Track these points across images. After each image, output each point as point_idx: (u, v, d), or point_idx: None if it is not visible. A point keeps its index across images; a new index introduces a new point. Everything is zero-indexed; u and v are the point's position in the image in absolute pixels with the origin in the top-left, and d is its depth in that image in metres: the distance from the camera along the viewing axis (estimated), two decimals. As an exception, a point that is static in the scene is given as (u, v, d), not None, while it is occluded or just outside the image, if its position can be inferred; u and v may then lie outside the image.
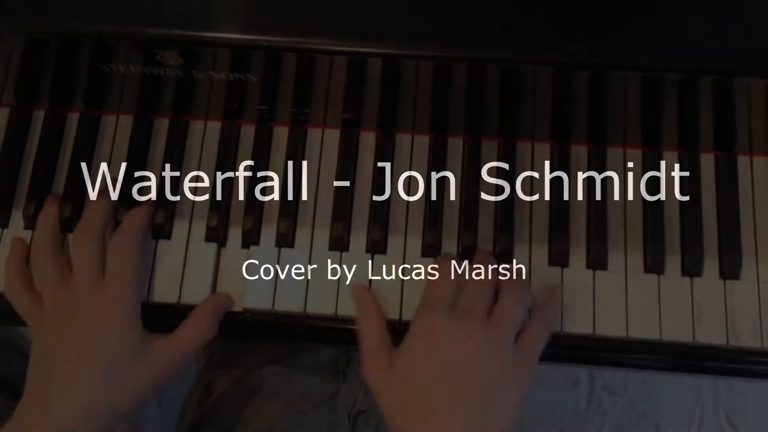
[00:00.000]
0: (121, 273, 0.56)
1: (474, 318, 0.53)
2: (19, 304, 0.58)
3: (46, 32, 0.48)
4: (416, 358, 0.52)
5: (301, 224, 0.62)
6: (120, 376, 0.55)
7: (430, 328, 0.53)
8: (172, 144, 0.64)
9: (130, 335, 0.55)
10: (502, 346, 0.53)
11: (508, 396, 0.52)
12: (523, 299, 0.55)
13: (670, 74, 0.51)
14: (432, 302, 0.55)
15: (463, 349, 0.52)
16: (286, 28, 0.47)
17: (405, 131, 0.64)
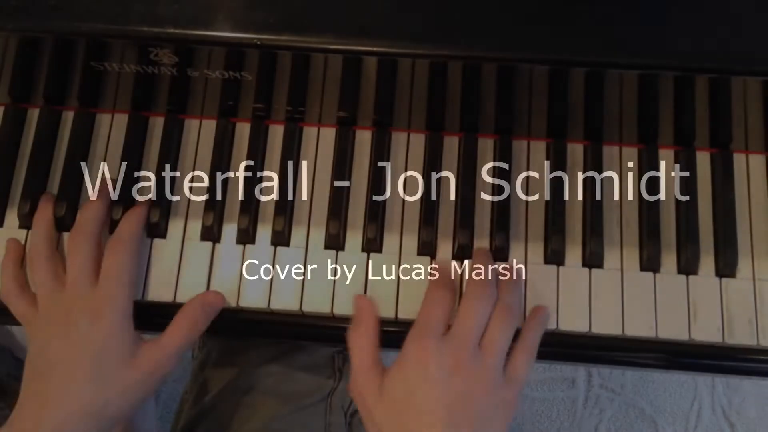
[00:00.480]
0: (115, 276, 0.56)
1: (466, 348, 0.53)
2: (15, 307, 0.58)
3: (40, 31, 0.48)
4: (407, 383, 0.53)
5: (297, 223, 0.62)
6: (112, 379, 0.55)
7: (423, 354, 0.53)
8: (167, 143, 0.63)
9: (122, 338, 0.55)
10: (491, 375, 0.54)
11: (495, 421, 0.53)
12: (511, 327, 0.56)
13: (666, 72, 0.51)
14: (425, 326, 0.55)
15: (454, 379, 0.52)
16: (281, 26, 0.47)
17: (401, 129, 0.64)
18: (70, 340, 0.54)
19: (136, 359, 0.56)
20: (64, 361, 0.54)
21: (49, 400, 0.53)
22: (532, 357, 0.57)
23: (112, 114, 0.64)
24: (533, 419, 1.33)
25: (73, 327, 0.55)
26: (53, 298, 0.57)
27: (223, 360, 0.76)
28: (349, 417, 0.76)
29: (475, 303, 0.55)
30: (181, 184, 0.63)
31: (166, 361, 0.57)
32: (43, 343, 0.55)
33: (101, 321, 0.55)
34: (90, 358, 0.54)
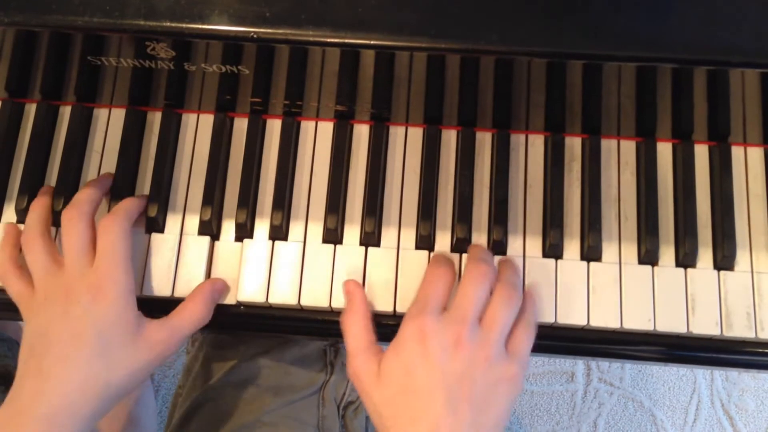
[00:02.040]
0: (111, 253, 0.56)
1: (465, 323, 0.53)
2: (12, 287, 0.58)
3: (36, 25, 0.47)
4: (407, 362, 0.52)
5: (295, 217, 0.62)
6: (115, 355, 0.54)
7: (421, 332, 0.52)
8: (164, 137, 0.63)
9: (125, 314, 0.55)
10: (493, 352, 0.53)
11: (498, 399, 0.53)
12: (514, 304, 0.55)
13: (664, 65, 0.51)
14: (424, 304, 0.54)
15: (455, 355, 0.52)
16: (278, 19, 0.47)
17: (399, 123, 0.63)
18: (70, 318, 0.54)
19: (142, 337, 0.55)
20: (66, 338, 0.53)
21: (51, 376, 0.53)
22: (533, 332, 0.56)
23: (110, 109, 0.64)
24: (532, 413, 1.33)
25: (74, 305, 0.54)
26: (50, 276, 0.56)
27: (215, 354, 0.76)
28: (342, 410, 0.76)
29: (474, 281, 0.55)
30: (178, 178, 0.63)
31: (173, 344, 0.56)
32: (41, 322, 0.55)
33: (103, 297, 0.54)
34: (94, 335, 0.53)
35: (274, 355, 0.74)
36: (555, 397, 1.34)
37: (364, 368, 0.54)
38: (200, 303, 0.58)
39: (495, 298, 0.55)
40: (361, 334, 0.55)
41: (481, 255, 0.57)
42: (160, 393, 1.33)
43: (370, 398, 0.54)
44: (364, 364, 0.54)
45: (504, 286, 0.55)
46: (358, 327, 0.56)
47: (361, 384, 0.54)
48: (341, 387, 0.76)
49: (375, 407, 0.53)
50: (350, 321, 0.56)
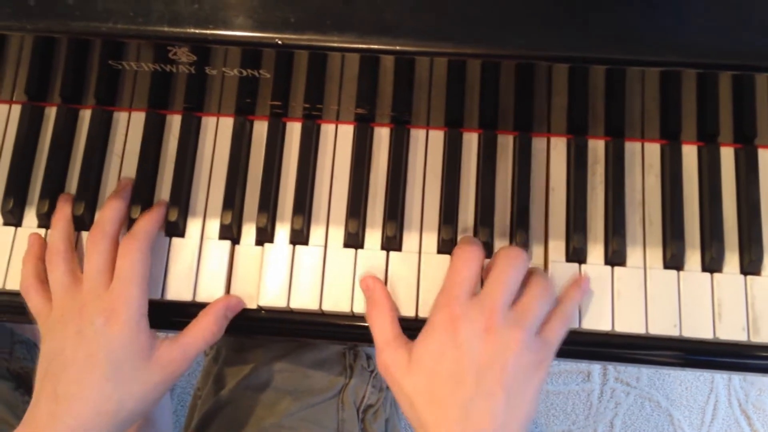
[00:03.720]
0: (129, 276, 0.56)
1: (496, 308, 0.52)
2: (32, 302, 0.58)
3: (58, 31, 0.47)
4: (438, 350, 0.52)
5: (316, 221, 0.61)
6: (128, 377, 0.55)
7: (451, 318, 0.52)
8: (184, 141, 0.63)
9: (137, 336, 0.55)
10: (525, 339, 0.52)
11: (528, 386, 0.52)
12: (550, 295, 0.55)
13: (689, 69, 0.50)
14: (452, 289, 0.53)
15: (486, 341, 0.51)
16: (302, 25, 0.46)
17: (419, 126, 0.63)
18: (84, 338, 0.54)
19: (154, 358, 0.56)
20: (79, 360, 0.54)
21: (66, 398, 0.53)
22: (567, 324, 0.56)
23: (129, 112, 0.64)
24: (548, 412, 1.33)
25: (87, 326, 0.55)
26: (68, 295, 0.57)
27: (234, 357, 0.76)
28: (362, 413, 0.76)
29: (506, 267, 0.54)
30: (198, 182, 0.63)
31: (185, 361, 0.57)
32: (57, 341, 0.55)
33: (116, 321, 0.55)
34: (105, 358, 0.54)
35: (292, 358, 0.74)
36: (571, 396, 1.34)
37: (393, 359, 0.54)
38: (212, 320, 0.58)
39: (533, 286, 0.54)
40: (386, 326, 0.55)
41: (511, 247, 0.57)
42: (175, 392, 1.33)
43: (401, 388, 0.53)
44: (392, 354, 0.54)
45: (539, 278, 0.55)
46: (383, 320, 0.56)
47: (391, 375, 0.54)
48: (361, 390, 0.76)
49: (406, 396, 0.53)
50: (375, 315, 0.56)
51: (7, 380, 0.74)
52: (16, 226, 0.62)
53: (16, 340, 0.78)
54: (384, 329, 0.55)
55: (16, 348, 0.78)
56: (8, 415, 0.72)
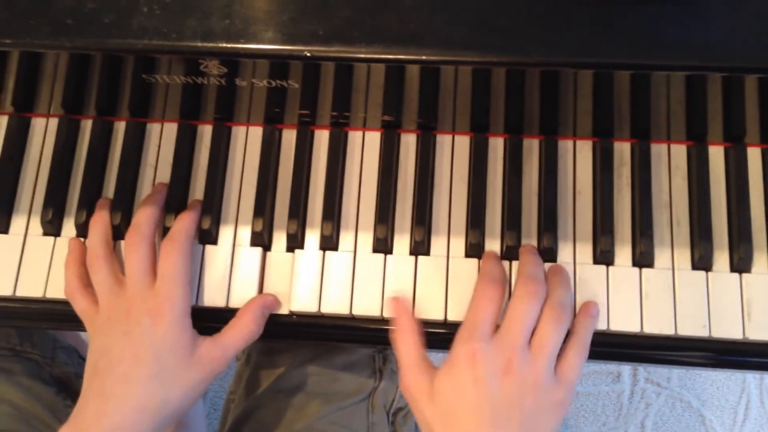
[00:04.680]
0: (172, 276, 0.58)
1: (515, 348, 0.54)
2: (78, 305, 0.60)
3: (95, 48, 0.49)
4: (458, 385, 0.53)
5: (345, 227, 0.62)
6: (171, 375, 0.56)
7: (472, 357, 0.53)
8: (215, 150, 0.64)
9: (181, 336, 0.57)
10: (543, 377, 0.54)
11: (546, 422, 0.54)
12: (563, 325, 0.56)
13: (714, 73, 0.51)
14: (474, 327, 0.55)
15: (504, 380, 0.53)
16: (330, 38, 0.47)
17: (446, 132, 0.64)
18: (132, 338, 0.56)
19: (196, 356, 0.57)
20: (127, 358, 0.56)
21: (113, 395, 0.55)
22: (585, 355, 0.57)
23: (162, 123, 0.66)
24: (578, 414, 1.33)
25: (134, 326, 0.56)
26: (113, 297, 0.58)
27: (265, 361, 0.77)
28: (391, 416, 0.77)
29: (524, 303, 0.55)
30: (230, 190, 0.64)
31: (225, 361, 0.58)
32: (105, 341, 0.57)
33: (162, 320, 0.56)
34: (152, 356, 0.56)
35: (322, 361, 0.75)
36: (601, 397, 1.33)
37: (416, 384, 0.55)
38: (250, 319, 0.59)
39: (544, 319, 0.55)
40: (411, 350, 0.57)
41: (531, 270, 0.57)
42: (208, 396, 1.35)
43: (421, 413, 0.55)
44: (415, 379, 0.55)
45: (553, 308, 0.56)
46: (408, 344, 0.57)
47: (413, 398, 0.56)
48: (390, 393, 0.77)
49: (426, 422, 0.55)
50: (400, 339, 0.58)
51: (49, 385, 0.77)
52: (55, 236, 0.64)
53: (58, 346, 0.80)
54: (408, 353, 0.57)
55: (58, 354, 0.80)
56: (51, 419, 0.74)
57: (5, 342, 0.76)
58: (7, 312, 0.63)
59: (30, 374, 0.76)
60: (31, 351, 0.78)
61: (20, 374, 0.75)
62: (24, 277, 0.62)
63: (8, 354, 0.76)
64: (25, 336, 0.78)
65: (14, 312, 0.63)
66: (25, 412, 0.73)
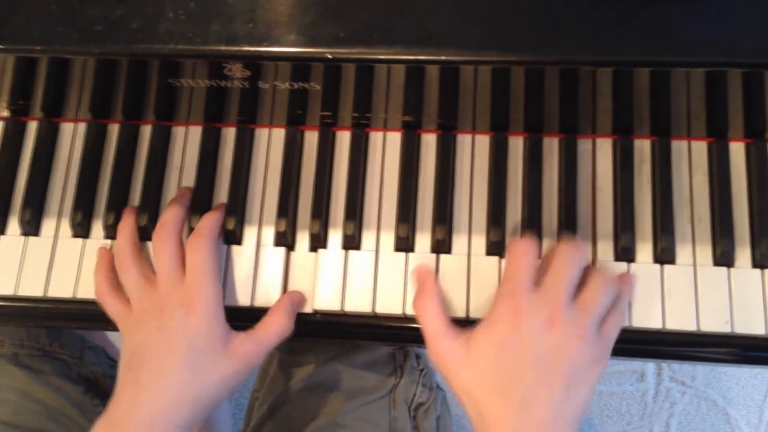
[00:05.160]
0: (201, 270, 0.59)
1: (560, 301, 0.53)
2: (109, 307, 0.61)
3: (124, 54, 0.50)
4: (500, 339, 0.53)
5: (367, 226, 0.63)
6: (205, 368, 0.57)
7: (515, 309, 0.53)
8: (239, 152, 0.66)
9: (215, 327, 0.58)
10: (587, 332, 0.53)
11: (586, 378, 0.53)
12: (613, 290, 0.55)
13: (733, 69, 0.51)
14: (514, 280, 0.54)
15: (549, 332, 0.52)
16: (351, 40, 0.48)
17: (466, 131, 0.64)
18: (165, 331, 0.57)
19: (230, 349, 0.58)
20: (161, 351, 0.56)
21: (147, 386, 0.56)
22: (623, 320, 0.56)
23: (187, 126, 0.67)
24: (602, 413, 1.32)
25: (167, 320, 0.57)
26: (144, 295, 0.59)
27: (289, 359, 0.78)
28: (413, 411, 0.77)
29: (569, 257, 0.55)
30: (253, 191, 0.65)
31: (259, 355, 0.59)
32: (139, 338, 0.58)
33: (194, 312, 0.57)
34: (186, 347, 0.56)
35: (344, 359, 0.76)
36: (625, 396, 1.33)
37: (449, 349, 0.54)
38: (283, 315, 0.60)
39: (595, 280, 0.55)
40: (437, 317, 0.56)
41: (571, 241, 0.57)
42: (233, 397, 1.37)
43: (457, 377, 0.54)
44: (448, 344, 0.54)
45: (602, 272, 0.56)
46: (433, 311, 0.56)
47: (446, 365, 0.54)
48: (411, 389, 0.78)
49: (463, 386, 0.54)
50: (423, 306, 0.57)
51: (77, 384, 0.78)
52: (84, 238, 0.65)
53: (86, 346, 0.82)
54: (434, 320, 0.56)
55: (86, 353, 0.82)
56: (79, 417, 0.75)
57: (35, 342, 0.78)
58: (39, 312, 0.65)
59: (59, 374, 0.78)
60: (60, 351, 0.79)
61: (50, 374, 0.77)
62: (55, 278, 0.64)
63: (38, 354, 0.78)
64: (54, 336, 0.80)
65: (46, 312, 0.65)
66: (54, 411, 0.75)
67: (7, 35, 0.49)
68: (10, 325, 0.76)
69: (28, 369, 0.76)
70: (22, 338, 0.77)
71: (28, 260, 0.64)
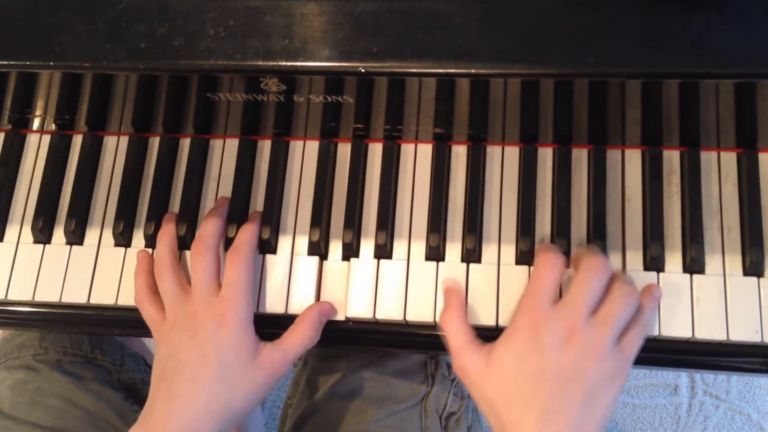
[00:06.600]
0: (236, 284, 0.61)
1: (579, 316, 0.54)
2: (146, 312, 0.63)
3: (166, 70, 0.53)
4: (521, 353, 0.54)
5: (398, 236, 0.64)
6: (235, 379, 0.59)
7: (534, 323, 0.54)
8: (274, 164, 0.68)
9: (245, 339, 0.60)
10: (606, 347, 0.54)
11: (606, 393, 0.54)
12: (632, 302, 0.56)
13: (763, 80, 0.51)
14: (536, 294, 0.55)
15: (567, 347, 0.53)
16: (384, 54, 0.50)
17: (495, 143, 0.66)
18: (197, 342, 0.59)
19: (258, 360, 0.60)
20: (193, 361, 0.58)
21: (180, 396, 0.58)
22: (645, 333, 0.57)
23: (224, 139, 0.69)
24: (635, 426, 1.31)
25: (200, 330, 0.59)
26: (179, 304, 0.61)
27: (321, 367, 0.79)
28: (444, 420, 0.78)
29: (591, 273, 0.55)
30: (288, 202, 0.67)
31: (285, 365, 0.61)
32: (172, 346, 0.60)
33: (226, 324, 0.59)
34: (217, 359, 0.58)
35: (376, 367, 0.77)
36: (658, 410, 1.32)
37: (471, 362, 0.56)
38: (309, 326, 0.62)
39: (615, 293, 0.55)
40: (460, 330, 0.58)
41: (595, 251, 0.58)
42: (266, 406, 1.38)
43: (480, 389, 0.55)
44: (470, 357, 0.56)
45: (623, 284, 0.56)
46: (456, 324, 0.58)
47: (470, 377, 0.56)
48: (443, 398, 0.78)
49: (485, 398, 0.55)
50: (449, 319, 0.59)
51: (118, 391, 0.81)
52: (125, 247, 0.67)
53: (126, 353, 0.84)
54: (458, 333, 0.58)
55: (126, 361, 0.84)
56: (119, 423, 0.77)
57: (78, 349, 0.81)
58: (82, 319, 0.67)
59: (100, 380, 0.80)
60: (102, 358, 0.82)
61: (91, 380, 0.80)
62: (97, 285, 0.66)
63: (81, 361, 0.80)
64: (96, 344, 0.82)
65: (89, 319, 0.67)
66: (95, 417, 0.77)
67: (58, 52, 0.52)
68: (54, 331, 0.79)
69: (71, 375, 0.78)
70: (65, 345, 0.80)
71: (72, 268, 0.67)
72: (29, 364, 0.78)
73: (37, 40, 0.53)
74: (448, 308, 0.60)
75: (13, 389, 0.76)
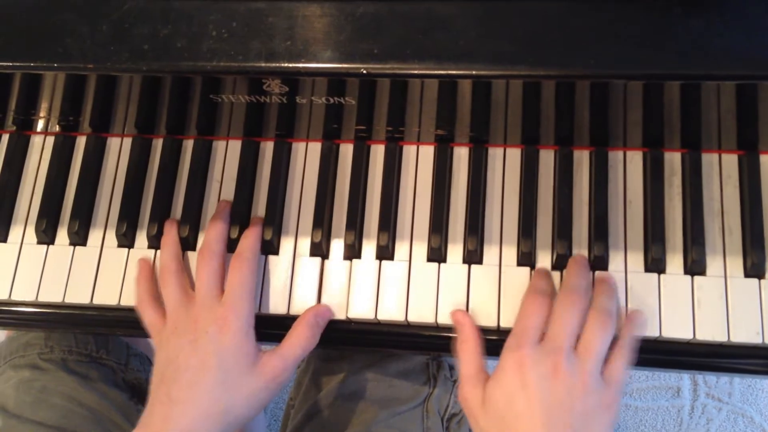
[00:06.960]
0: (239, 290, 0.61)
1: (561, 352, 0.55)
2: (146, 318, 0.64)
3: (170, 71, 0.53)
4: (508, 392, 0.55)
5: (400, 237, 0.65)
6: (235, 383, 0.59)
7: (520, 363, 0.55)
8: (277, 165, 0.68)
9: (245, 345, 0.60)
10: (590, 380, 0.55)
11: (597, 424, 0.55)
12: (608, 331, 0.57)
13: (763, 81, 0.51)
14: (521, 335, 0.57)
15: (552, 384, 0.54)
16: (385, 55, 0.50)
17: (497, 145, 0.66)
18: (197, 346, 0.59)
19: (258, 366, 0.60)
20: (193, 366, 0.59)
21: (179, 401, 0.58)
22: (629, 357, 0.58)
23: (227, 141, 0.70)
24: (637, 429, 1.31)
25: (201, 334, 0.60)
26: (181, 308, 0.62)
27: (323, 367, 0.80)
28: (446, 421, 0.78)
29: (567, 308, 0.57)
30: (290, 203, 0.67)
31: (285, 370, 0.61)
32: (172, 350, 0.60)
33: (227, 329, 0.60)
34: (217, 364, 0.59)
35: (378, 368, 0.77)
36: (661, 412, 1.32)
37: (472, 394, 0.58)
38: (306, 329, 0.62)
39: (589, 325, 0.57)
40: (471, 361, 0.59)
41: (574, 282, 0.59)
42: (268, 407, 1.38)
43: (477, 422, 0.57)
44: (471, 390, 0.58)
45: (598, 314, 0.57)
46: (469, 354, 0.59)
47: (469, 408, 0.58)
48: (444, 399, 0.79)
49: (481, 429, 0.57)
50: (462, 349, 0.60)
51: (123, 390, 0.81)
52: (128, 248, 0.68)
53: (131, 353, 0.85)
54: (469, 363, 0.59)
55: (131, 360, 0.84)
56: (124, 422, 0.78)
57: (83, 348, 0.81)
58: (85, 319, 0.68)
59: (105, 380, 0.81)
60: (107, 357, 0.82)
61: (97, 379, 0.80)
62: (100, 286, 0.67)
63: (86, 360, 0.81)
64: (101, 343, 0.82)
65: (92, 319, 0.67)
66: (100, 416, 0.77)
67: (62, 54, 0.52)
68: (58, 330, 0.79)
69: (76, 374, 0.79)
70: (70, 344, 0.80)
71: (75, 269, 0.67)
72: (34, 363, 0.79)
73: (41, 41, 0.53)
74: (462, 339, 0.60)
75: (19, 388, 0.77)
